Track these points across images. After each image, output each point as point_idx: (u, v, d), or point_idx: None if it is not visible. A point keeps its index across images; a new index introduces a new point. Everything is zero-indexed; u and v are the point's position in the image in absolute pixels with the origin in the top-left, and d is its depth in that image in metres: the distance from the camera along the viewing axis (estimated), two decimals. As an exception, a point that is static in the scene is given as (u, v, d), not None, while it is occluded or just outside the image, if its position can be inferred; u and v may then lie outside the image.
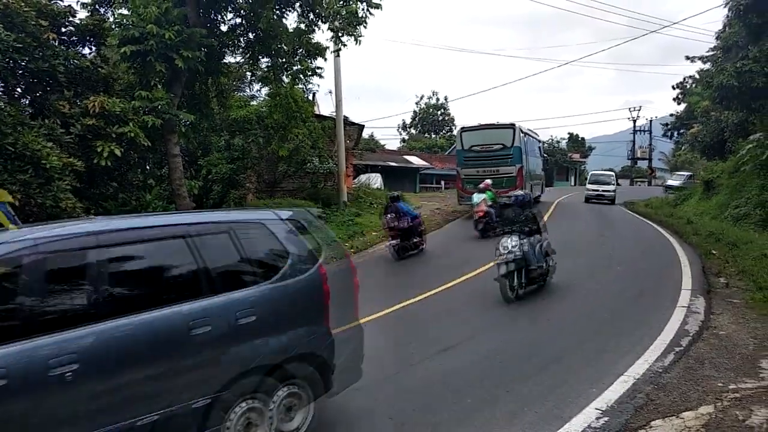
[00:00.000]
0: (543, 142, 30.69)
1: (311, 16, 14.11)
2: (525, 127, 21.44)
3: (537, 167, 24.47)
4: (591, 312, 7.91)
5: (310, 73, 15.19)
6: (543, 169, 27.38)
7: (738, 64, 17.83)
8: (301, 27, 14.32)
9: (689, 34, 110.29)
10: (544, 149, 30.07)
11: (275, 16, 13.69)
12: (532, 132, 24.21)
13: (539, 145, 26.55)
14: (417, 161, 43.81)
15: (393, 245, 12.86)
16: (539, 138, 27.23)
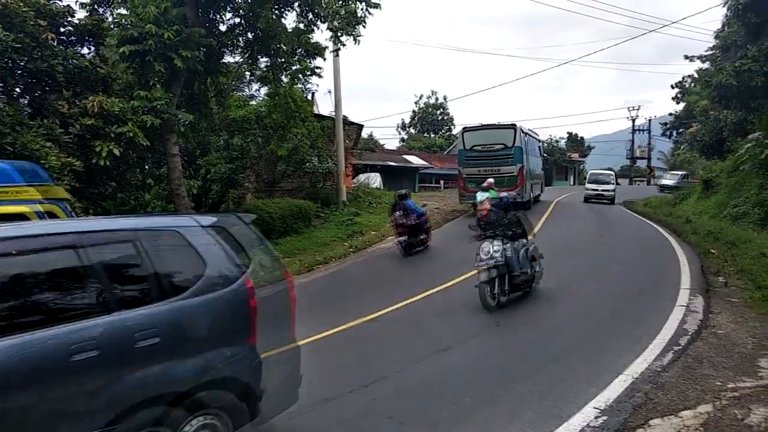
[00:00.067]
0: (542, 141, 30.78)
1: (310, 15, 14.11)
2: (525, 127, 21.59)
3: (537, 167, 24.60)
4: (590, 311, 7.92)
5: (309, 73, 15.18)
6: (543, 169, 27.48)
7: (737, 63, 17.88)
8: (300, 27, 14.33)
9: (688, 33, 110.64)
10: (543, 149, 30.15)
11: (274, 15, 13.69)
12: (532, 132, 24.34)
13: (539, 145, 26.70)
14: (416, 161, 43.81)
15: (401, 242, 13.02)
16: (539, 138, 27.36)
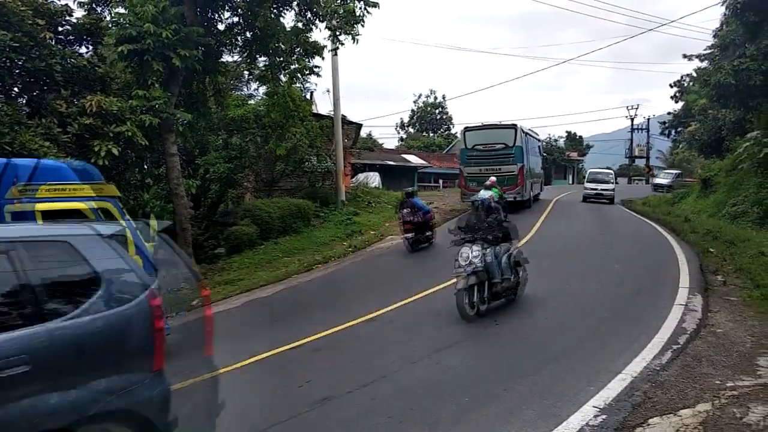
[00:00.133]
0: (542, 141, 30.92)
1: (309, 14, 14.08)
2: (526, 127, 21.85)
3: (537, 166, 24.87)
4: (589, 310, 7.91)
5: (307, 72, 15.14)
6: (542, 168, 27.64)
7: (735, 62, 17.92)
8: (299, 26, 14.30)
9: (687, 32, 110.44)
10: (542, 148, 30.30)
11: (273, 14, 13.65)
12: (532, 132, 24.59)
13: (539, 144, 26.92)
14: (415, 160, 43.76)
15: (408, 238, 13.38)
16: (539, 137, 27.52)
